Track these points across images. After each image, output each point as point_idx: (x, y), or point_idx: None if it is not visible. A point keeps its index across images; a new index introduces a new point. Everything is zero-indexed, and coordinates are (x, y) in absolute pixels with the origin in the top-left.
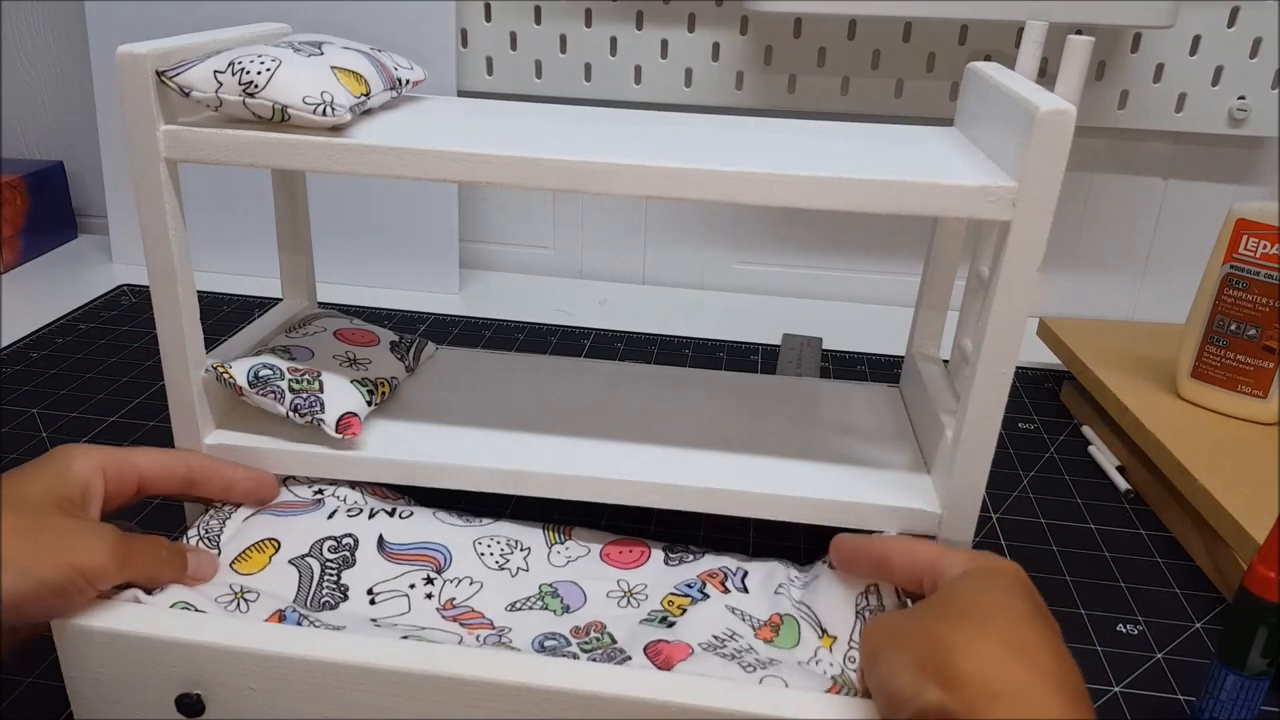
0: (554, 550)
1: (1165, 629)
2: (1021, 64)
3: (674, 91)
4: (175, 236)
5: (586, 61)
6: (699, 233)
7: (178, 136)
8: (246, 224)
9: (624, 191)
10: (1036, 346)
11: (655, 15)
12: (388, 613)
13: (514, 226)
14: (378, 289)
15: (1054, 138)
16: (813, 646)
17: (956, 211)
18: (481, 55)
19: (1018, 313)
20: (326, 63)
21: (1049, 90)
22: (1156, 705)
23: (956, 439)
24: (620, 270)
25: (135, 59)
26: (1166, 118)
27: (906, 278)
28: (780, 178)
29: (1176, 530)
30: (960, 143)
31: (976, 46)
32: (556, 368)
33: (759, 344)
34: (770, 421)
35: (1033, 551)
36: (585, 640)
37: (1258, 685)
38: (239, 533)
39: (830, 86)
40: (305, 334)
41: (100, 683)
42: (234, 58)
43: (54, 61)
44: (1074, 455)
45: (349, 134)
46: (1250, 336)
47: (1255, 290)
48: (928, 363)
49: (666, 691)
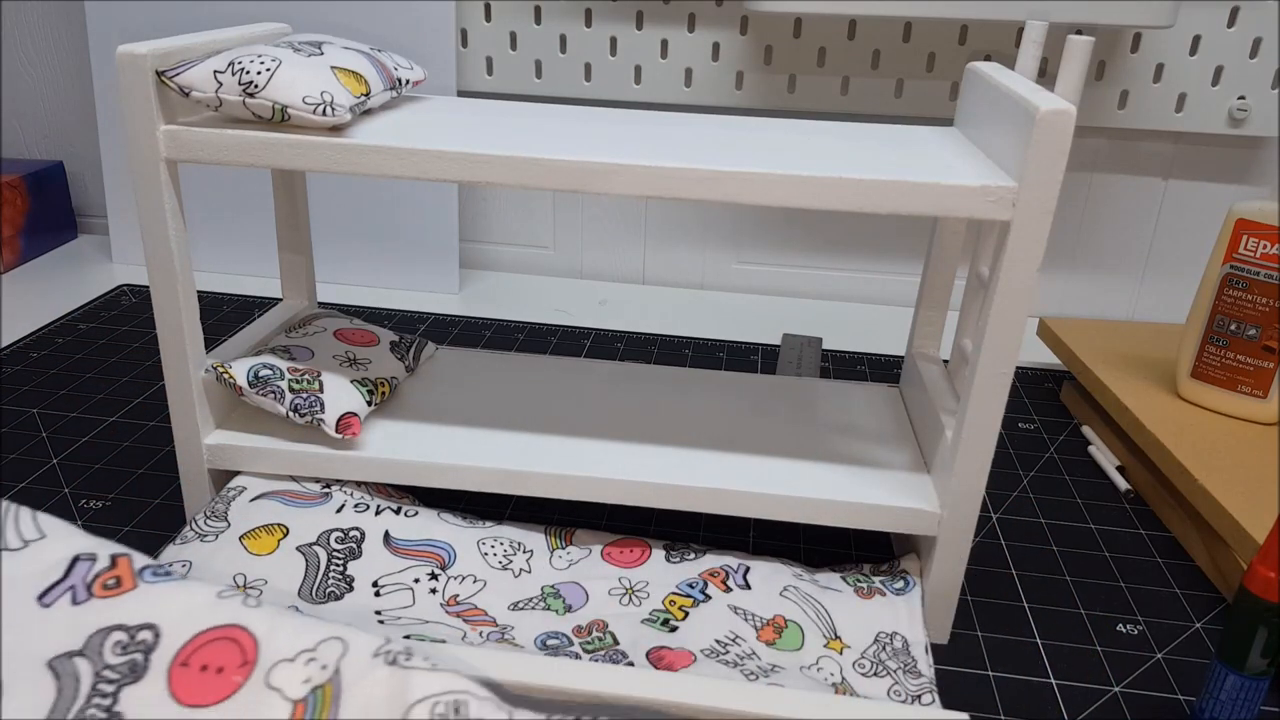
0: (555, 555)
1: (1165, 629)
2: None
3: (674, 91)
4: (175, 236)
5: (586, 61)
6: (699, 233)
7: (178, 136)
8: (246, 224)
9: (624, 191)
10: (1036, 346)
11: (655, 15)
12: (392, 605)
13: (514, 226)
14: (378, 289)
15: (1054, 138)
16: (816, 651)
17: (956, 211)
18: (481, 55)
19: (1018, 313)
20: (326, 63)
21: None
22: (1156, 705)
23: (956, 439)
24: (620, 270)
25: (135, 59)
26: (1166, 118)
27: (906, 278)
28: (780, 178)
29: (1176, 530)
30: (960, 143)
31: (976, 46)
32: (556, 368)
33: (759, 344)
34: (770, 421)
35: (1033, 551)
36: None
37: (1258, 685)
38: (247, 511)
39: (830, 86)
40: (305, 334)
41: None
42: (234, 58)
43: (54, 62)
44: (1074, 455)
45: (349, 134)
46: (1250, 336)
47: (1255, 290)
48: (928, 363)
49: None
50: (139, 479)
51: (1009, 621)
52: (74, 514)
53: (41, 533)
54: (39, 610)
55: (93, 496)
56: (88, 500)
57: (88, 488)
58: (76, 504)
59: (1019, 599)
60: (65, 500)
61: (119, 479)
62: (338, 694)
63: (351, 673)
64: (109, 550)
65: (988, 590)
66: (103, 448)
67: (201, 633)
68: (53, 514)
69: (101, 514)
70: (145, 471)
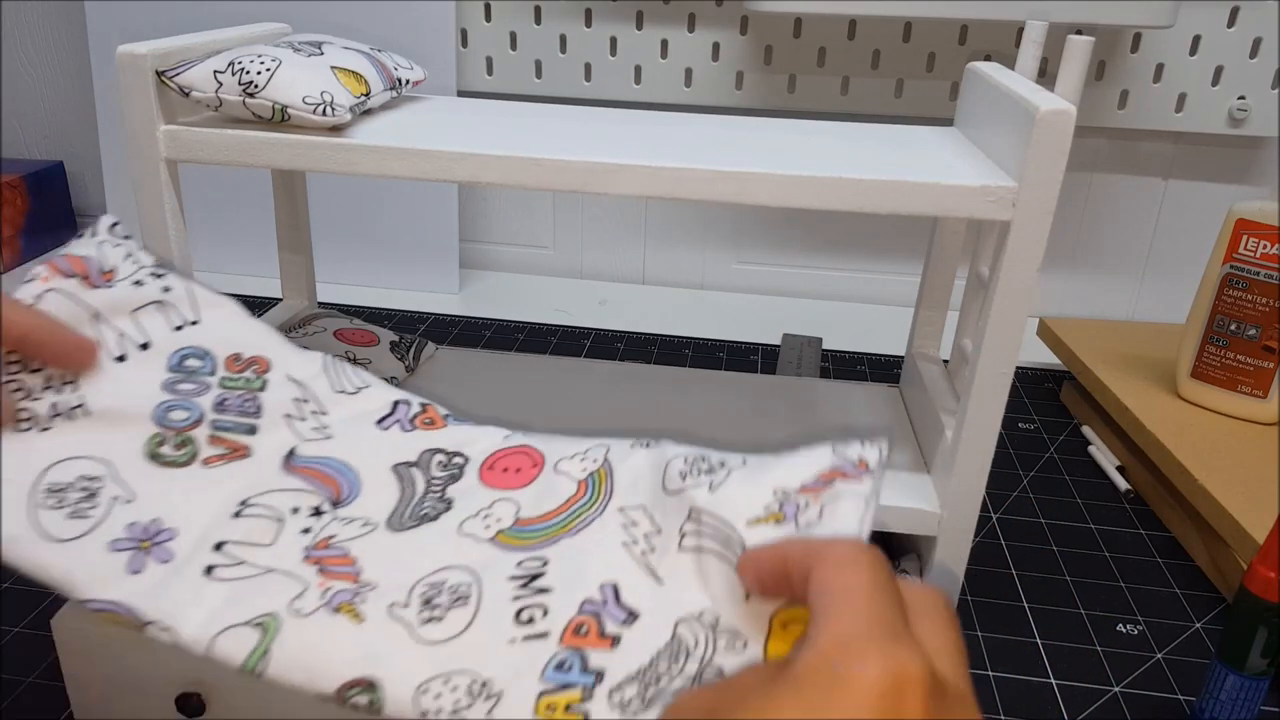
0: None
1: (1165, 629)
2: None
3: (674, 91)
4: (175, 236)
5: (586, 61)
6: (699, 233)
7: (178, 136)
8: (246, 224)
9: (624, 191)
10: (1037, 346)
11: (655, 15)
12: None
13: (514, 226)
14: (378, 289)
15: (1054, 138)
16: None
17: (956, 211)
18: (481, 55)
19: (1018, 313)
20: (326, 63)
21: (1049, 90)
22: (1156, 705)
23: (956, 439)
24: (620, 270)
25: (135, 59)
26: (1166, 118)
27: (906, 278)
28: (780, 178)
29: (1176, 530)
30: (960, 143)
31: (976, 46)
32: (556, 368)
33: (759, 344)
34: (770, 421)
35: (1033, 552)
36: None
37: (1258, 685)
38: None
39: (830, 86)
40: (305, 334)
41: (100, 683)
42: (234, 58)
43: (54, 62)
44: (1074, 455)
45: (349, 134)
46: (1250, 336)
47: (1255, 290)
48: (928, 363)
49: None
50: None
51: (1009, 621)
52: None
53: (366, 383)
54: (380, 432)
55: None
56: None
57: None
58: None
59: (1019, 599)
60: None
61: None
62: (610, 472)
63: (617, 457)
64: (419, 399)
65: (988, 590)
66: None
67: (498, 450)
68: None
69: None
70: None
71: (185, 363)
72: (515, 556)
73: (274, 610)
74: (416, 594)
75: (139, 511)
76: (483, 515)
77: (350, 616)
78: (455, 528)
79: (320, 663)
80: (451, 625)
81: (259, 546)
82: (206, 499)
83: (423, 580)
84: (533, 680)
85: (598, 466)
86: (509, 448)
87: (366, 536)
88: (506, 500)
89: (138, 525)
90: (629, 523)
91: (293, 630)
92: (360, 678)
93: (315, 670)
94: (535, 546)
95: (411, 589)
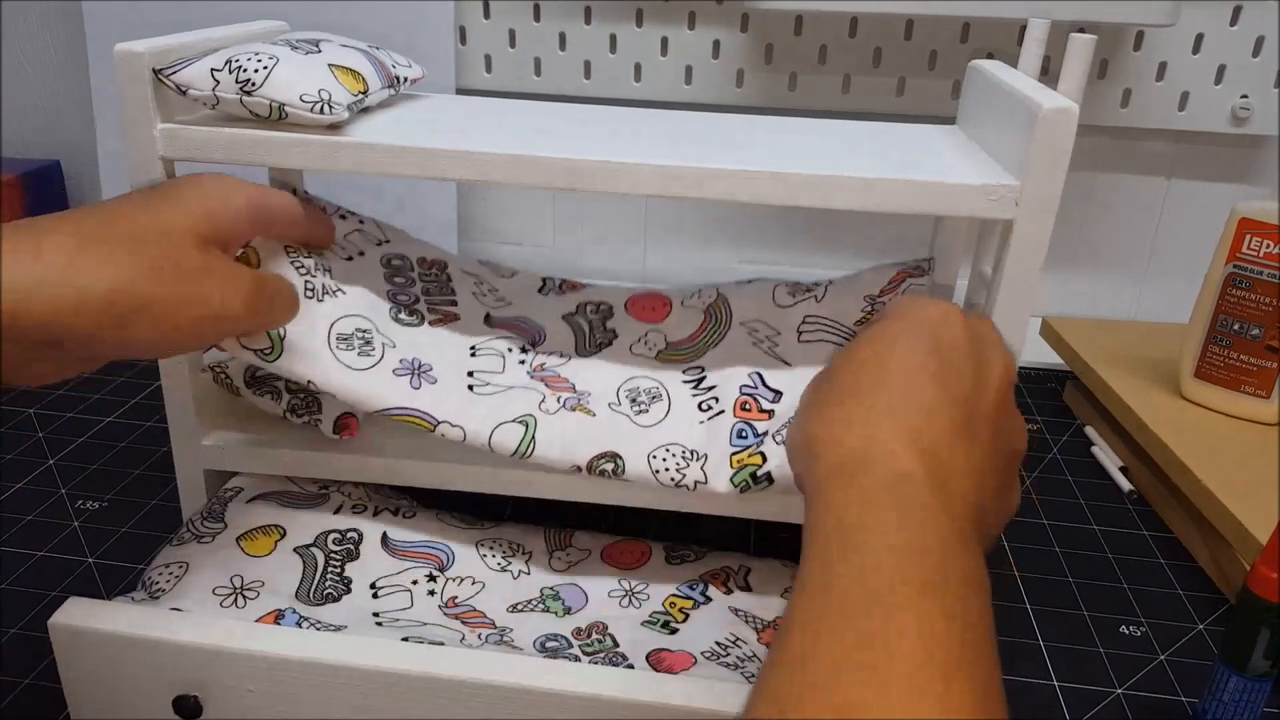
0: (555, 556)
1: (1168, 630)
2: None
3: (674, 90)
4: None
5: (586, 59)
6: (699, 232)
7: (175, 135)
8: None
9: (624, 190)
10: (1039, 346)
11: (655, 13)
12: (390, 607)
13: (514, 225)
14: None
15: (1056, 136)
16: None
17: (958, 210)
18: (480, 53)
19: (1020, 312)
20: (324, 60)
21: (1051, 89)
22: (1159, 707)
23: None
24: (620, 270)
25: (133, 57)
26: (1169, 116)
27: None
28: (781, 176)
29: (1179, 531)
30: (962, 141)
31: (978, 45)
32: None
33: None
34: None
35: (1035, 552)
36: (587, 642)
37: (1260, 687)
38: (244, 512)
39: (831, 85)
40: None
41: (97, 684)
42: (231, 56)
43: (51, 60)
44: (1077, 456)
45: (347, 132)
46: (1253, 336)
47: (1258, 290)
48: None
49: (668, 694)
50: (136, 480)
51: (1011, 623)
52: (70, 515)
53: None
54: (542, 298)
55: (89, 497)
56: (84, 501)
57: (84, 488)
58: (73, 505)
59: (1021, 600)
60: (62, 501)
61: (116, 480)
62: (725, 302)
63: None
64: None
65: None
66: (99, 448)
67: (632, 296)
68: (49, 516)
69: (98, 515)
70: (142, 472)
71: (391, 263)
72: (679, 368)
73: (529, 411)
74: (623, 395)
75: (403, 352)
76: (642, 340)
77: (584, 413)
78: (627, 349)
79: (573, 444)
80: (655, 414)
81: (496, 374)
82: (445, 344)
83: (622, 387)
84: (724, 444)
85: (714, 299)
86: (639, 293)
87: (568, 363)
88: (655, 330)
89: (406, 360)
90: (752, 330)
91: (546, 424)
92: (605, 451)
93: (570, 449)
94: (689, 360)
95: (617, 391)
